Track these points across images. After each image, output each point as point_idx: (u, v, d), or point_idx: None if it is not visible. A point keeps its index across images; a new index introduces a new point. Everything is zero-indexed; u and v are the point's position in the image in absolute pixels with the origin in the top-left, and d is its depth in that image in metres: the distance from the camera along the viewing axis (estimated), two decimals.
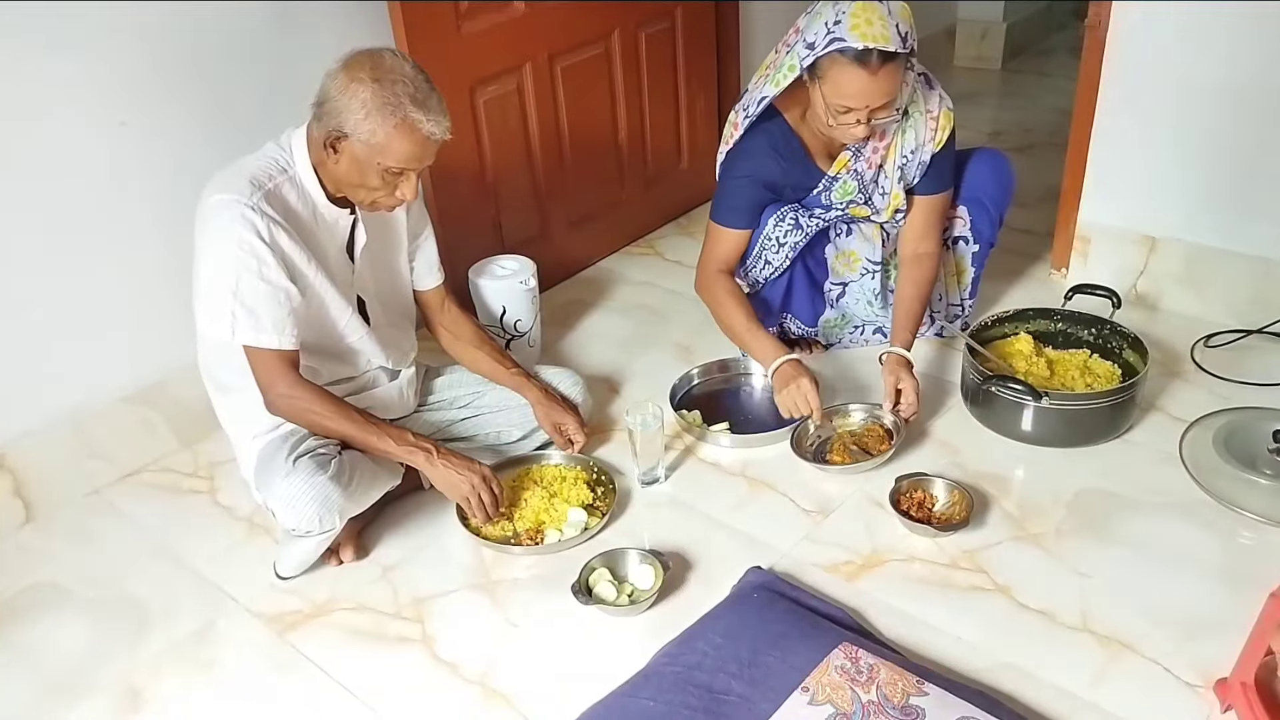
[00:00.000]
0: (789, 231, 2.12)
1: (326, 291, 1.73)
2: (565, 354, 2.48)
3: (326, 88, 1.59)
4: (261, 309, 1.62)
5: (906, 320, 2.08)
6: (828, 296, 2.31)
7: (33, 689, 1.63)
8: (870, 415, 2.07)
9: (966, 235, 2.27)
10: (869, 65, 1.78)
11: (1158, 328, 2.35)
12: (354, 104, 1.55)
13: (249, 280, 1.60)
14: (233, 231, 1.58)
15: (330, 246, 1.75)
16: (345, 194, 1.70)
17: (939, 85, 2.05)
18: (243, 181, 1.61)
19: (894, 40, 1.77)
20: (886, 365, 2.02)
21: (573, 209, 2.78)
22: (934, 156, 2.06)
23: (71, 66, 1.85)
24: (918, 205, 2.14)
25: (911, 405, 1.98)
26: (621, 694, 1.49)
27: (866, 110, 1.84)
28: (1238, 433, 1.91)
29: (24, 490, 2.00)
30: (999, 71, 4.36)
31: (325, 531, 1.70)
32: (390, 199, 1.68)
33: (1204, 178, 2.30)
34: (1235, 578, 1.66)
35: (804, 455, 1.99)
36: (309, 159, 1.67)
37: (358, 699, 1.57)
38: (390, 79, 1.55)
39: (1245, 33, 2.11)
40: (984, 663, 1.54)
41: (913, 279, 2.13)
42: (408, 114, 1.56)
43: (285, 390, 1.67)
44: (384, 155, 1.59)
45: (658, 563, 1.71)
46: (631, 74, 2.77)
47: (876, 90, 1.81)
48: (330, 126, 1.59)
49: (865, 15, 1.77)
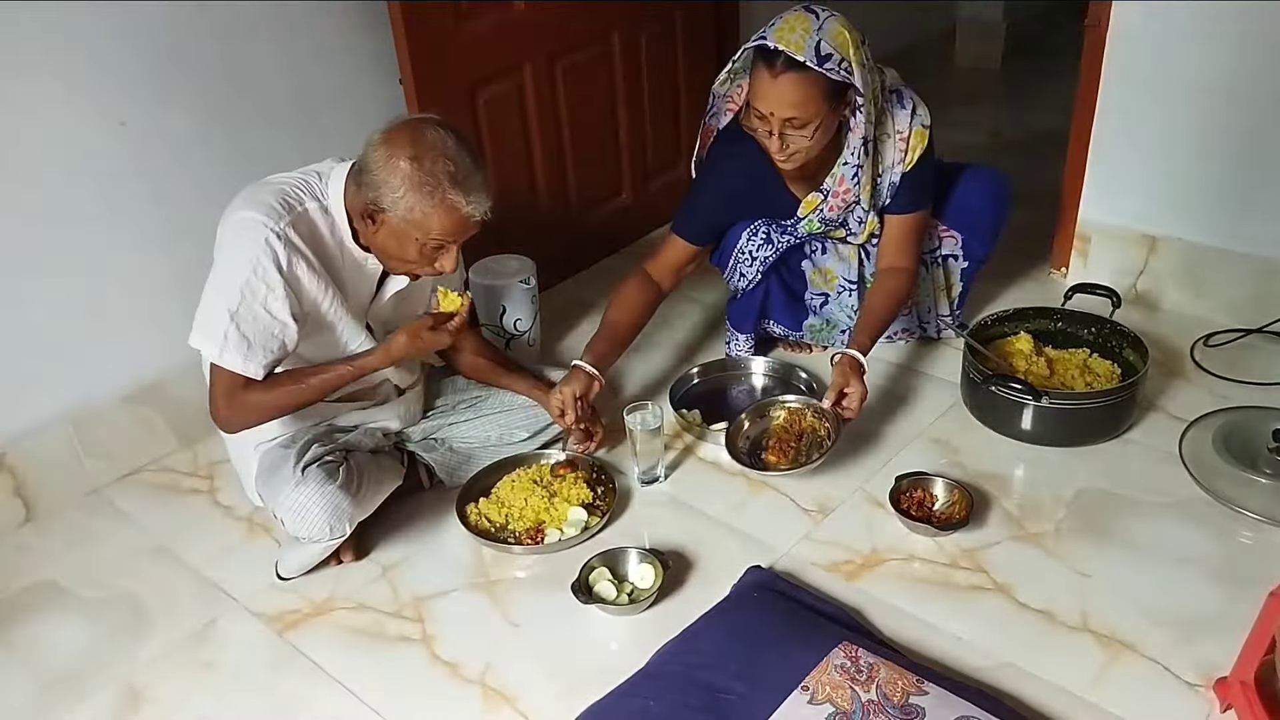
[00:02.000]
0: (760, 246, 2.14)
1: (340, 319, 1.72)
2: (565, 354, 2.48)
3: (367, 156, 1.57)
4: (255, 338, 1.61)
5: (869, 327, 2.00)
6: (810, 305, 2.30)
7: (32, 688, 1.63)
8: (804, 404, 2.01)
9: (957, 254, 2.26)
10: (774, 67, 1.77)
11: (1158, 327, 2.35)
12: (393, 180, 1.53)
13: (251, 305, 1.59)
14: (251, 254, 1.57)
15: (352, 279, 1.73)
16: (382, 262, 1.69)
17: (914, 102, 1.99)
18: (273, 201, 1.59)
19: (807, 53, 1.74)
20: (838, 366, 1.92)
21: (572, 209, 2.78)
22: (904, 176, 2.02)
23: (71, 66, 1.85)
24: (890, 224, 2.09)
25: (852, 410, 1.89)
26: (621, 693, 1.48)
27: (775, 120, 1.81)
28: (1237, 432, 1.90)
29: (24, 490, 2.00)
30: (999, 71, 4.37)
31: (335, 539, 1.70)
32: (429, 269, 1.66)
33: (1204, 177, 2.30)
34: (1235, 577, 1.65)
35: (739, 457, 1.91)
36: (344, 203, 1.65)
37: (357, 698, 1.57)
38: (431, 156, 1.53)
39: (1245, 32, 2.11)
40: (984, 662, 1.54)
41: (884, 289, 2.07)
42: (446, 195, 1.54)
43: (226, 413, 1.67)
44: (422, 232, 1.58)
45: (657, 562, 1.71)
46: (631, 74, 2.77)
47: (777, 96, 1.78)
48: (369, 198, 1.57)
49: (791, 23, 1.77)
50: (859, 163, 1.96)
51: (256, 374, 1.63)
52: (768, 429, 2.01)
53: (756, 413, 2.02)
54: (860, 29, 1.83)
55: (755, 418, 2.02)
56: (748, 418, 2.01)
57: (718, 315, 2.46)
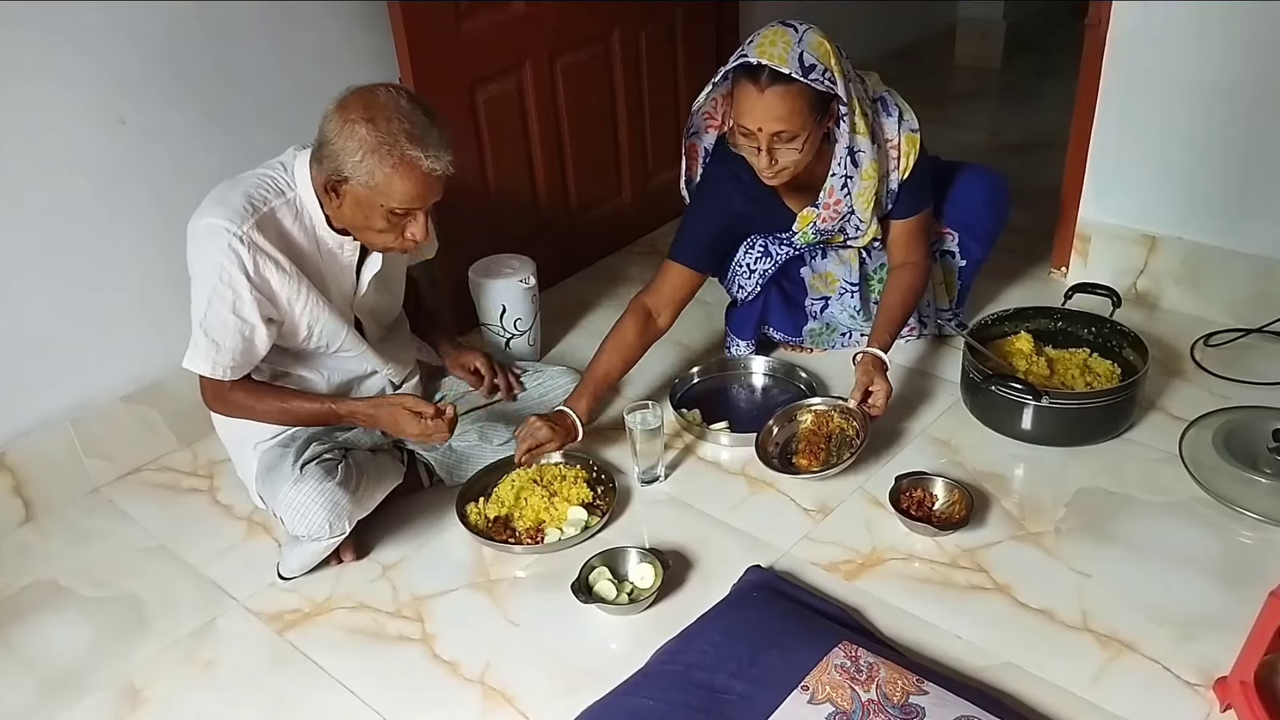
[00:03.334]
0: (759, 259, 2.14)
1: (321, 315, 1.72)
2: (565, 353, 2.48)
3: (323, 129, 1.56)
4: (225, 342, 1.62)
5: (888, 324, 2.02)
6: (810, 310, 2.30)
7: (32, 688, 1.63)
8: (830, 405, 2.02)
9: (954, 251, 2.26)
10: (759, 82, 1.76)
11: (1158, 327, 2.35)
12: (350, 145, 1.52)
13: (220, 310, 1.60)
14: (215, 260, 1.57)
15: (330, 271, 1.73)
16: (356, 237, 1.69)
17: (899, 108, 1.98)
18: (238, 204, 1.59)
19: (791, 64, 1.74)
20: (861, 365, 1.95)
21: (572, 207, 2.77)
22: (902, 185, 2.02)
23: (71, 66, 1.85)
24: (896, 227, 2.10)
25: (879, 407, 1.92)
26: (621, 693, 1.48)
27: (763, 135, 1.80)
28: (1238, 432, 1.90)
29: (23, 489, 2.00)
30: (999, 71, 4.36)
31: (335, 537, 1.70)
32: (401, 241, 1.65)
33: (1204, 176, 2.30)
34: (1235, 577, 1.65)
35: (770, 463, 1.93)
36: (312, 185, 1.64)
37: (357, 698, 1.57)
38: (385, 116, 1.52)
39: (1245, 32, 2.11)
40: (984, 661, 1.54)
41: (899, 285, 2.09)
42: (405, 152, 1.52)
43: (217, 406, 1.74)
44: (386, 197, 1.56)
45: (657, 561, 1.71)
46: (631, 73, 2.77)
47: (765, 111, 1.78)
48: (329, 169, 1.56)
49: (771, 37, 1.77)
50: (847, 173, 1.96)
51: (224, 376, 1.66)
52: (795, 433, 2.02)
53: (784, 417, 2.03)
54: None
55: (783, 423, 2.02)
56: (775, 423, 2.02)
57: (718, 315, 2.46)
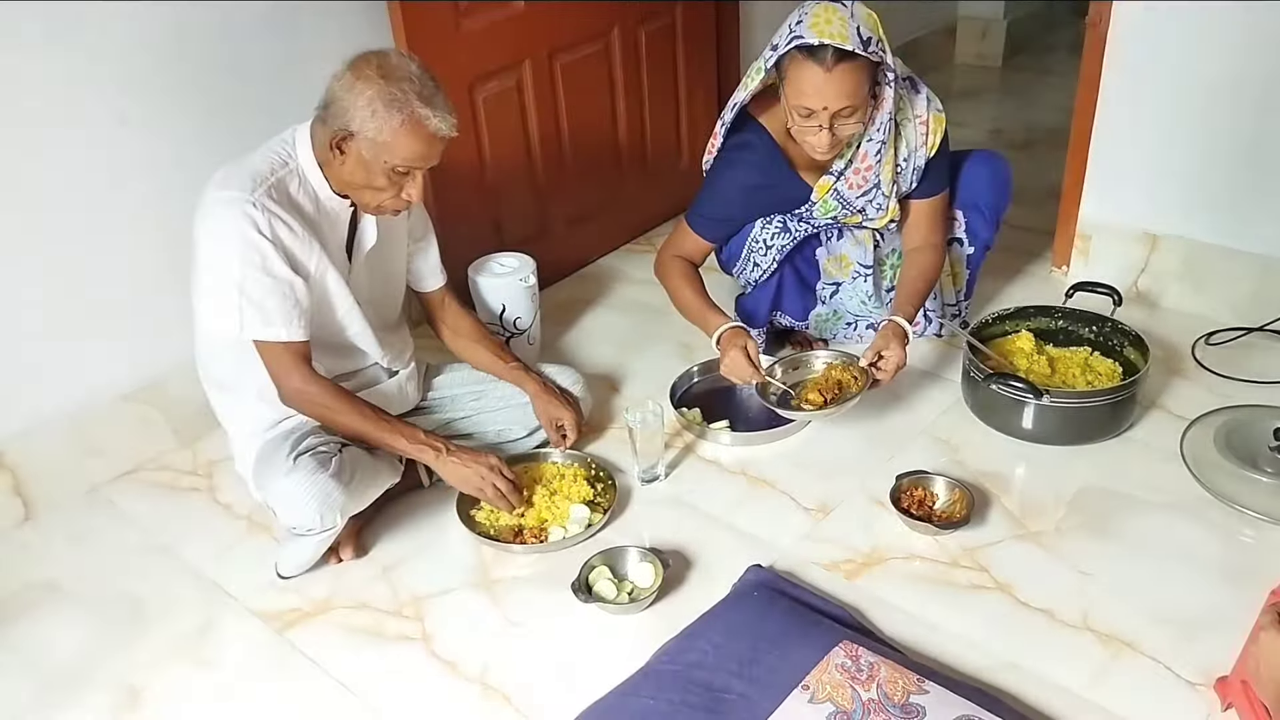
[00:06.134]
0: (776, 235, 2.14)
1: (330, 281, 1.73)
2: (565, 351, 2.48)
3: (332, 88, 1.59)
4: (269, 303, 1.63)
5: (911, 296, 2.05)
6: (820, 295, 2.31)
7: (31, 687, 1.63)
8: (840, 357, 2.05)
9: (961, 237, 2.26)
10: (824, 62, 1.77)
11: (1159, 325, 2.35)
12: (360, 101, 1.55)
13: (254, 275, 1.61)
14: (235, 227, 1.59)
15: (332, 241, 1.74)
16: (351, 197, 1.70)
17: (925, 88, 2.02)
18: (244, 178, 1.61)
19: (852, 40, 1.75)
20: (882, 330, 1.97)
21: (572, 206, 2.77)
22: (929, 162, 2.04)
23: (71, 66, 1.85)
24: (917, 208, 2.12)
25: (887, 374, 1.93)
26: (621, 692, 1.48)
27: (826, 114, 1.81)
28: (1238, 430, 1.90)
29: (23, 488, 1.99)
30: (1000, 69, 4.36)
31: (326, 530, 1.70)
32: (396, 201, 1.67)
33: (1205, 175, 2.29)
34: (1236, 575, 1.65)
35: (768, 399, 1.98)
36: (313, 154, 1.67)
37: (357, 697, 1.57)
38: (397, 76, 1.56)
39: (1246, 30, 2.10)
40: (985, 661, 1.54)
41: (918, 264, 2.11)
42: (415, 110, 1.56)
43: (299, 384, 1.68)
44: (391, 153, 1.59)
45: (657, 561, 1.71)
46: (631, 71, 2.76)
47: (832, 89, 1.79)
48: (336, 126, 1.58)
49: (825, 15, 1.77)
50: (884, 139, 1.96)
51: (290, 336, 1.65)
52: (802, 381, 2.04)
53: (790, 364, 2.06)
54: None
55: (789, 369, 2.05)
56: (780, 365, 2.04)
57: None
